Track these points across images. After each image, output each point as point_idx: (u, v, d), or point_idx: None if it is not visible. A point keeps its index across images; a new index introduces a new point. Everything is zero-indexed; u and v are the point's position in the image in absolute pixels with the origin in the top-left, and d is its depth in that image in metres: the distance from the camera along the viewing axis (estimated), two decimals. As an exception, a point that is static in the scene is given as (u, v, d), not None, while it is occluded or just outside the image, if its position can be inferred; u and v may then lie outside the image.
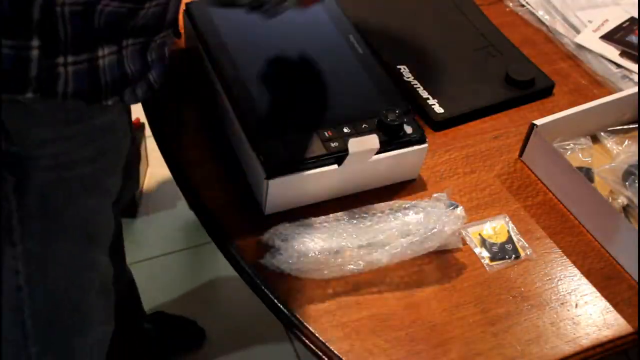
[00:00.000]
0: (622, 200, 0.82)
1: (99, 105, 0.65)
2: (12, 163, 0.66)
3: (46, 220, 0.71)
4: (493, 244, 0.77)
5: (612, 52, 1.03)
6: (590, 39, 1.05)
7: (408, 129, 0.78)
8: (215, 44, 0.84)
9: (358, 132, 0.76)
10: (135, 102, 0.69)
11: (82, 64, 0.61)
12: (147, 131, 1.68)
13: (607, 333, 0.71)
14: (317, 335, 0.68)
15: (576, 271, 0.76)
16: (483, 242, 0.77)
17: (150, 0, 0.62)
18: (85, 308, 0.81)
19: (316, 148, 0.74)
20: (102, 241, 0.80)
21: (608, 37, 1.05)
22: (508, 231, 0.79)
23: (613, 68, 1.01)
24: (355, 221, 0.74)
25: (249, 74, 0.81)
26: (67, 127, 0.66)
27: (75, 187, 0.71)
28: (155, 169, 1.74)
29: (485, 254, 0.76)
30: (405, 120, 0.78)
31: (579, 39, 1.05)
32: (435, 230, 0.72)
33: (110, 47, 0.63)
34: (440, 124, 0.90)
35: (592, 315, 0.73)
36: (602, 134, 0.90)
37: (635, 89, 0.91)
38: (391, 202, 0.78)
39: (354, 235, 0.73)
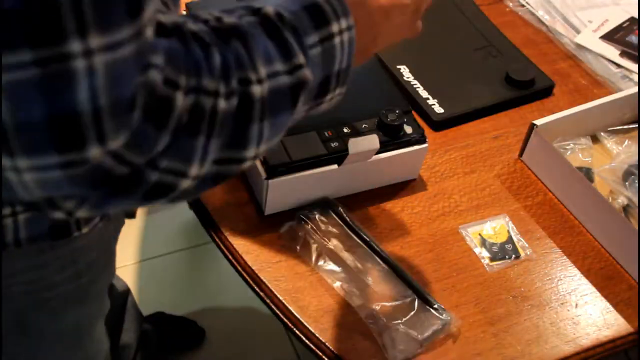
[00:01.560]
0: (622, 200, 0.82)
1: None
2: None
3: (25, 337, 0.68)
4: (493, 244, 0.77)
5: (612, 52, 1.03)
6: (590, 39, 1.05)
7: (408, 129, 0.78)
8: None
9: (358, 132, 0.76)
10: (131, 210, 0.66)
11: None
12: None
13: (607, 333, 0.71)
14: (317, 335, 0.68)
15: (576, 271, 0.76)
16: (483, 242, 0.77)
17: None
18: None
19: (316, 148, 0.74)
20: (93, 334, 0.77)
21: (608, 37, 1.05)
22: (508, 231, 0.79)
23: (613, 68, 1.01)
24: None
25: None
26: (40, 255, 0.60)
27: (57, 306, 0.67)
28: (155, 169, 1.74)
29: (485, 254, 0.76)
30: (405, 120, 0.78)
31: (579, 39, 1.05)
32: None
33: None
34: (440, 124, 0.90)
35: (592, 315, 0.73)
36: (602, 134, 0.90)
37: (635, 89, 0.91)
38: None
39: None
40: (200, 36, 0.43)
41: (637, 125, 0.92)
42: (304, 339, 0.69)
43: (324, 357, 0.68)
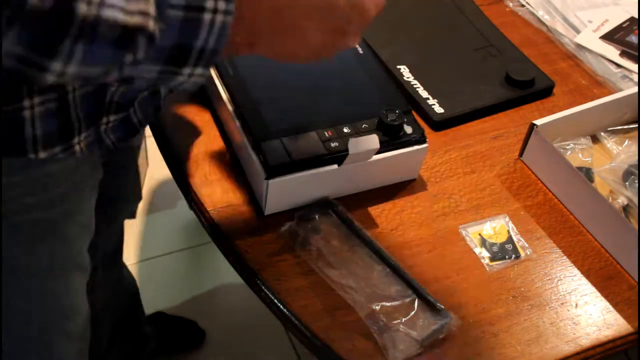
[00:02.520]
0: (622, 200, 0.82)
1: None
2: None
3: None
4: (493, 244, 0.77)
5: (612, 52, 1.03)
6: (590, 39, 1.05)
7: (408, 129, 0.78)
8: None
9: (358, 132, 0.76)
10: (133, 133, 0.65)
11: None
12: (147, 131, 1.68)
13: (607, 333, 0.71)
14: (317, 335, 0.68)
15: (576, 271, 0.76)
16: (483, 242, 0.77)
17: None
18: (55, 355, 0.80)
19: (316, 148, 0.74)
20: (68, 283, 0.77)
21: (608, 37, 1.05)
22: (508, 231, 0.79)
23: (613, 68, 1.01)
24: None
25: (249, 74, 0.81)
26: (11, 174, 0.61)
27: (29, 233, 0.67)
28: (155, 169, 1.75)
29: (485, 254, 0.76)
30: (405, 120, 0.78)
31: (579, 39, 1.05)
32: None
33: (43, 95, 0.56)
34: (440, 124, 0.90)
35: (592, 315, 0.73)
36: (602, 134, 0.90)
37: (635, 89, 0.91)
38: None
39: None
40: None
41: (637, 125, 0.92)
42: (304, 339, 0.69)
43: (324, 357, 0.68)
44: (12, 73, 0.46)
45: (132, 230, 1.62)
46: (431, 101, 0.91)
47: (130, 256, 1.57)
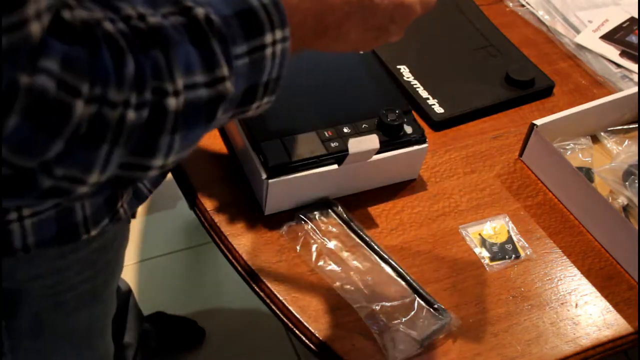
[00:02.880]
0: (622, 200, 0.82)
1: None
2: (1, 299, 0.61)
3: (39, 337, 0.68)
4: (493, 244, 0.77)
5: (612, 52, 1.03)
6: (590, 39, 1.05)
7: (408, 129, 0.78)
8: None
9: (358, 132, 0.76)
10: (144, 200, 0.64)
11: (45, 213, 0.54)
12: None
13: (607, 333, 0.71)
14: (317, 335, 0.68)
15: (576, 271, 0.76)
16: (483, 242, 0.77)
17: None
18: None
19: (316, 148, 0.74)
20: (104, 334, 0.78)
21: (608, 37, 1.05)
22: (508, 231, 0.79)
23: (613, 68, 1.01)
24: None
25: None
26: (61, 259, 0.61)
27: (72, 305, 0.67)
28: (155, 169, 1.74)
29: (485, 254, 0.76)
30: (405, 120, 0.78)
31: (579, 39, 1.05)
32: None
33: None
34: (440, 124, 0.90)
35: (592, 315, 0.73)
36: (602, 134, 0.90)
37: (635, 89, 0.91)
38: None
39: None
40: (116, 40, 0.40)
41: (637, 125, 0.92)
42: (304, 339, 0.69)
43: (324, 357, 0.68)
44: (118, 178, 0.45)
45: (132, 230, 1.62)
46: (431, 101, 0.91)
47: (130, 256, 1.57)
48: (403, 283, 0.72)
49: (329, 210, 0.77)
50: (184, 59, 0.42)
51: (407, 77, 0.94)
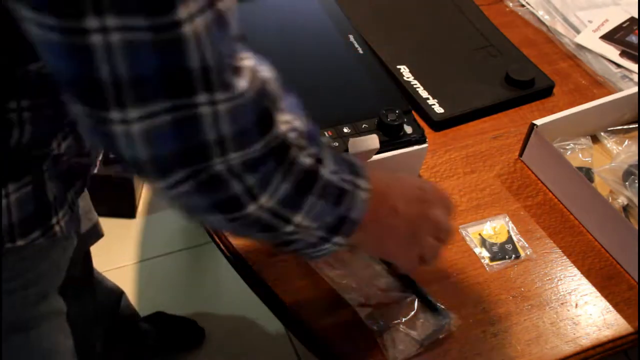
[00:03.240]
0: (622, 200, 0.82)
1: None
2: None
3: None
4: (493, 244, 0.77)
5: (612, 52, 1.03)
6: (590, 39, 1.05)
7: (408, 129, 0.78)
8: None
9: (358, 132, 0.76)
10: (78, 222, 0.63)
11: None
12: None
13: (607, 333, 0.71)
14: (317, 335, 0.68)
15: (576, 271, 0.76)
16: (483, 242, 0.77)
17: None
18: None
19: (316, 148, 0.74)
20: (57, 346, 0.74)
21: (608, 37, 1.05)
22: (508, 231, 0.79)
23: (613, 68, 1.01)
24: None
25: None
26: None
27: (4, 325, 0.64)
28: (155, 169, 1.74)
29: (485, 254, 0.76)
30: (405, 120, 0.78)
31: (579, 39, 1.05)
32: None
33: (18, 181, 0.55)
34: (440, 124, 0.90)
35: (592, 315, 0.73)
36: (602, 134, 0.90)
37: (635, 89, 0.91)
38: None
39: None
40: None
41: (637, 125, 0.92)
42: (304, 339, 0.69)
43: (324, 357, 0.68)
44: (261, 222, 0.51)
45: (132, 230, 1.62)
46: (431, 101, 0.91)
47: (130, 256, 1.57)
48: (403, 283, 0.72)
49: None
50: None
51: (407, 77, 0.94)
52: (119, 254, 1.55)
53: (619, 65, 1.01)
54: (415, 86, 0.93)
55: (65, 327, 0.77)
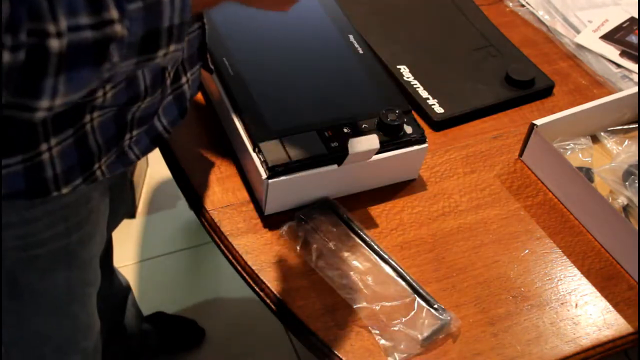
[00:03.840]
0: (622, 200, 0.82)
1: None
2: None
3: (17, 297, 0.68)
4: (493, 244, 0.77)
5: (612, 52, 1.03)
6: (590, 39, 1.05)
7: (408, 129, 0.78)
8: (216, 44, 0.84)
9: (358, 132, 0.76)
10: (123, 168, 0.64)
11: (12, 167, 0.56)
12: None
13: (607, 333, 0.71)
14: (316, 335, 0.68)
15: (576, 271, 0.76)
16: (483, 242, 0.77)
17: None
18: None
19: (316, 148, 0.74)
20: (86, 304, 0.78)
21: (608, 37, 1.05)
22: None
23: (613, 68, 1.01)
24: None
25: (249, 74, 0.81)
26: (31, 209, 0.61)
27: (47, 264, 0.67)
28: (155, 169, 1.74)
29: (485, 254, 0.76)
30: (405, 120, 0.78)
31: (579, 39, 1.05)
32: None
33: (63, 132, 0.56)
34: (440, 124, 0.90)
35: (592, 315, 0.73)
36: (602, 134, 0.90)
37: (635, 89, 0.91)
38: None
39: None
40: None
41: (637, 125, 0.92)
42: (303, 338, 0.69)
43: (324, 357, 0.68)
44: (7, 119, 0.47)
45: (132, 230, 1.62)
46: (431, 101, 0.91)
47: (130, 256, 1.57)
48: (403, 283, 0.72)
49: (329, 210, 0.77)
50: (67, 0, 0.43)
51: (407, 77, 0.94)
52: (119, 254, 1.55)
53: (619, 65, 1.01)
54: (415, 86, 0.93)
55: (95, 305, 0.78)
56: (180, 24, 0.51)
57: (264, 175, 0.72)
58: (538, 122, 0.83)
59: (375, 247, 0.74)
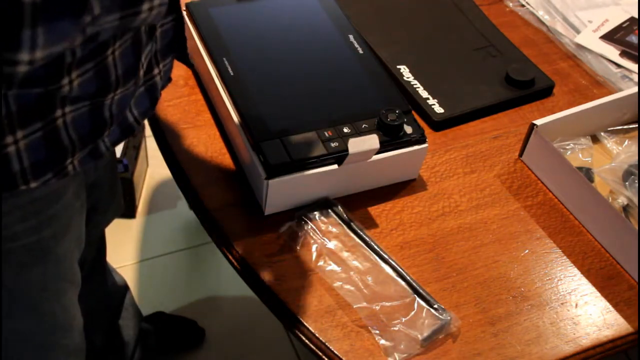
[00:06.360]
0: (622, 200, 0.82)
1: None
2: None
3: None
4: (493, 244, 0.77)
5: (612, 52, 1.03)
6: (590, 39, 1.05)
7: (408, 129, 0.78)
8: (216, 44, 0.84)
9: (358, 132, 0.76)
10: (94, 162, 0.62)
11: None
12: (147, 131, 1.68)
13: (607, 333, 0.71)
14: (317, 335, 0.68)
15: (576, 271, 0.76)
16: (483, 242, 0.77)
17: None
18: None
19: (316, 148, 0.74)
20: (62, 301, 0.77)
21: (608, 37, 1.05)
22: (508, 231, 0.79)
23: (613, 68, 1.01)
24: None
25: (249, 74, 0.81)
26: (1, 202, 0.60)
27: (20, 258, 0.67)
28: (155, 169, 1.75)
29: (485, 254, 0.76)
30: (405, 120, 0.78)
31: (579, 39, 1.05)
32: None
33: (30, 126, 0.55)
34: (440, 124, 0.90)
35: (592, 315, 0.73)
36: (602, 134, 0.90)
37: (635, 89, 0.91)
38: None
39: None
40: None
41: (637, 125, 0.92)
42: (304, 339, 0.69)
43: (324, 357, 0.68)
44: None
45: (132, 230, 1.62)
46: (431, 101, 0.91)
47: (130, 256, 1.57)
48: (403, 283, 0.72)
49: (329, 210, 0.77)
50: None
51: (407, 77, 0.94)
52: (118, 253, 1.56)
53: (619, 65, 1.01)
54: (415, 86, 0.93)
55: (77, 305, 0.78)
56: None
57: (264, 175, 0.72)
58: (538, 122, 0.83)
59: (375, 247, 0.74)
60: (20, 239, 0.65)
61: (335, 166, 0.75)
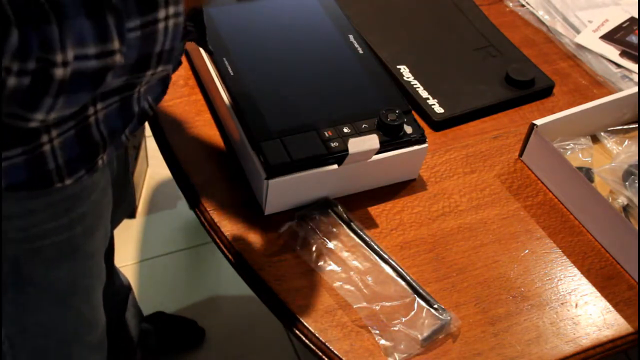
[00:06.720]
0: (622, 200, 0.82)
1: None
2: None
3: (21, 289, 0.69)
4: (493, 244, 0.77)
5: (612, 52, 1.03)
6: (590, 39, 1.05)
7: (408, 129, 0.78)
8: (216, 44, 0.84)
9: (358, 132, 0.76)
10: (117, 152, 0.65)
11: (13, 159, 0.56)
12: (147, 131, 1.68)
13: (607, 333, 0.71)
14: (317, 335, 0.68)
15: (576, 271, 0.76)
16: (483, 242, 0.77)
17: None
18: None
19: (316, 148, 0.74)
20: (89, 297, 0.78)
21: (608, 37, 1.05)
22: (508, 231, 0.79)
23: (613, 68, 1.01)
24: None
25: (249, 74, 0.81)
26: (34, 200, 0.62)
27: (51, 255, 0.68)
28: (155, 169, 1.74)
29: (485, 254, 0.76)
30: (405, 120, 0.78)
31: (579, 39, 1.05)
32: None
33: (64, 124, 0.57)
34: (440, 124, 0.90)
35: (592, 315, 0.73)
36: (602, 134, 0.90)
37: (635, 89, 0.91)
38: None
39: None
40: (6, 14, 0.43)
41: (637, 125, 0.92)
42: (303, 338, 0.69)
43: (324, 357, 0.68)
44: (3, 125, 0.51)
45: (132, 230, 1.62)
46: (431, 101, 0.91)
47: (130, 256, 1.57)
48: (403, 283, 0.72)
49: (329, 210, 0.77)
50: (77, 32, 0.46)
51: (407, 77, 0.94)
52: (119, 254, 1.54)
53: (619, 65, 1.01)
54: (415, 86, 0.93)
55: (101, 301, 0.79)
56: (170, 49, 0.55)
57: (264, 175, 0.72)
58: (538, 122, 0.83)
59: (375, 247, 0.74)
60: (50, 237, 0.66)
61: (335, 166, 0.75)
